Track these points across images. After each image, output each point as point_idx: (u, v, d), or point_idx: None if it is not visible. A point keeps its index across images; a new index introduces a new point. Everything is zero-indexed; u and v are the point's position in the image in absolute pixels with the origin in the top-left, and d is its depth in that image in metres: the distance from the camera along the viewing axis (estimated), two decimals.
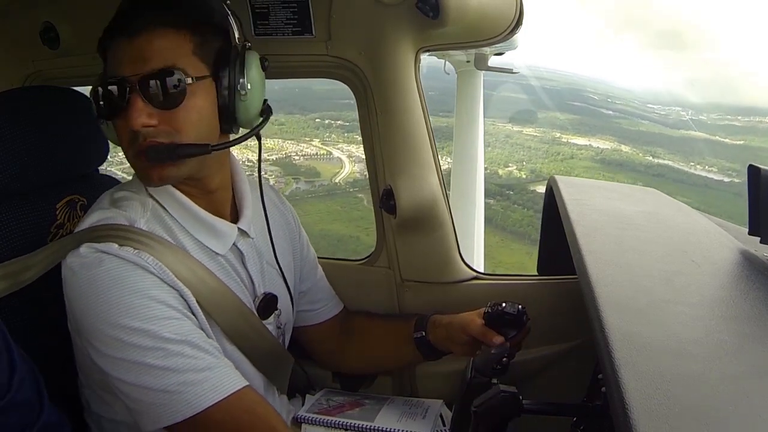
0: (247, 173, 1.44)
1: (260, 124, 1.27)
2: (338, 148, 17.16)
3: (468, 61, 5.13)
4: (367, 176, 1.74)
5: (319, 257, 1.82)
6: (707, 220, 1.48)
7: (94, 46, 1.19)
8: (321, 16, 1.56)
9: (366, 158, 1.71)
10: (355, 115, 1.70)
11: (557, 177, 1.72)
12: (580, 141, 19.21)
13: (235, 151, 1.39)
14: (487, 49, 4.35)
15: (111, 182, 1.59)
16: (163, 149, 1.13)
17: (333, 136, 17.37)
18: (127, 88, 1.12)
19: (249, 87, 1.21)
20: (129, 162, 1.19)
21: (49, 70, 1.90)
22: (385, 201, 1.63)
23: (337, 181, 16.09)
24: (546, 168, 17.82)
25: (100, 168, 1.63)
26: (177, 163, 1.16)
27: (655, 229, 1.36)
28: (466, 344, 1.45)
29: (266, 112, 1.29)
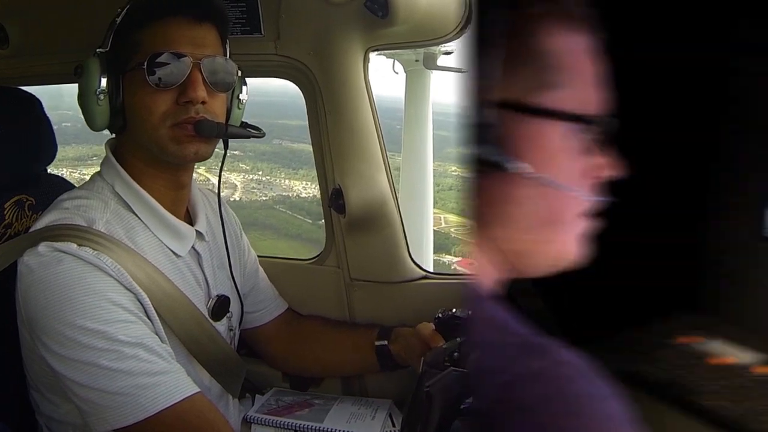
0: None
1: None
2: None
3: (417, 60, 5.18)
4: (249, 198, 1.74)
5: (267, 256, 1.80)
6: None
7: (44, 46, 1.17)
8: (270, 15, 1.55)
9: (315, 158, 1.70)
10: (252, 143, 1.71)
11: None
12: None
13: None
14: (436, 48, 4.40)
15: (59, 182, 1.56)
16: (214, 125, 1.21)
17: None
18: (191, 64, 1.18)
19: (245, 99, 1.35)
20: (157, 134, 1.19)
21: None
22: (335, 200, 1.63)
23: None
24: None
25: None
26: (211, 143, 1.24)
27: None
28: (422, 355, 1.47)
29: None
